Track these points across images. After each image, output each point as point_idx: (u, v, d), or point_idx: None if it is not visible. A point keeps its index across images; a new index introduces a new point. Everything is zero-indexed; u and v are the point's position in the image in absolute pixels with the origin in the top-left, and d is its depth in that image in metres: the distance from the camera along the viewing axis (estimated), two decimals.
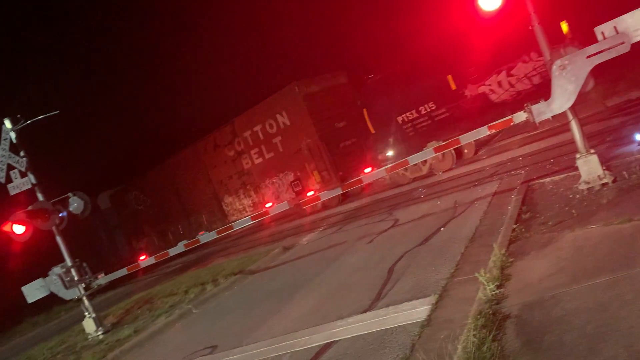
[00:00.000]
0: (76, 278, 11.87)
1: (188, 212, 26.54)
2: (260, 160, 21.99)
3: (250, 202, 23.15)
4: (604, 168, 7.75)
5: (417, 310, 5.98)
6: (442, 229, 9.40)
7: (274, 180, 21.75)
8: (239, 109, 22.80)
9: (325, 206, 19.13)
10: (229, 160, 23.22)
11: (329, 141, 19.56)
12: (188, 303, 11.57)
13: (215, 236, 11.64)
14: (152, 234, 28.79)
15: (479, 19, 8.31)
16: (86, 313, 11.97)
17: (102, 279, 12.24)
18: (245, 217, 19.15)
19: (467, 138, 8.91)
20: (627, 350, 3.66)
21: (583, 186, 7.83)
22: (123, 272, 12.45)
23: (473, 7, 7.88)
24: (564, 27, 7.84)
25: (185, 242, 11.67)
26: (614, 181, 7.62)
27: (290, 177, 20.99)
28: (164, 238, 27.69)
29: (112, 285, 15.72)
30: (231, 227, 11.40)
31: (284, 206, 10.43)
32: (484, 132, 8.55)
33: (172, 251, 11.95)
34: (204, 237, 11.69)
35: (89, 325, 11.93)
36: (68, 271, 11.85)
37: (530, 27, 7.91)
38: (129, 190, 29.55)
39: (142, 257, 12.38)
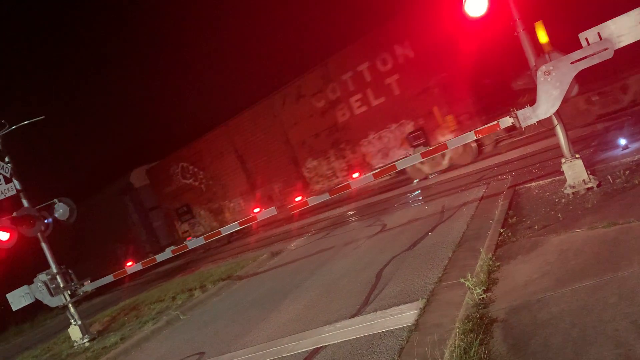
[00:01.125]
0: (62, 285, 11.74)
1: (254, 183, 21.39)
2: (363, 109, 17.26)
3: (344, 164, 18.37)
4: (589, 172, 7.84)
5: (405, 315, 5.99)
6: (429, 233, 9.44)
7: (383, 134, 17.03)
8: (332, 48, 18.25)
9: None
10: (316, 113, 18.47)
11: (469, 76, 15.17)
12: (175, 309, 11.49)
13: (203, 242, 11.58)
14: (202, 212, 23.83)
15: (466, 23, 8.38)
16: (72, 320, 11.83)
17: (88, 286, 12.11)
18: (334, 184, 17.66)
19: (454, 143, 8.98)
20: (612, 353, 3.70)
21: (568, 190, 7.91)
22: (109, 279, 12.33)
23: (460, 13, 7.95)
24: (541, 35, 7.78)
25: (173, 247, 11.61)
26: (598, 185, 7.71)
27: (408, 128, 16.44)
28: (218, 217, 23.09)
29: (99, 292, 15.57)
30: (219, 233, 11.35)
31: (271, 212, 10.42)
32: (470, 137, 8.62)
33: (160, 257, 11.88)
34: (192, 242, 11.63)
35: (74, 332, 11.79)
36: (53, 278, 11.72)
37: (515, 33, 8.00)
38: (173, 162, 24.16)
39: (129, 264, 12.27)
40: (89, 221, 26.17)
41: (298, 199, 10.38)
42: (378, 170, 10.50)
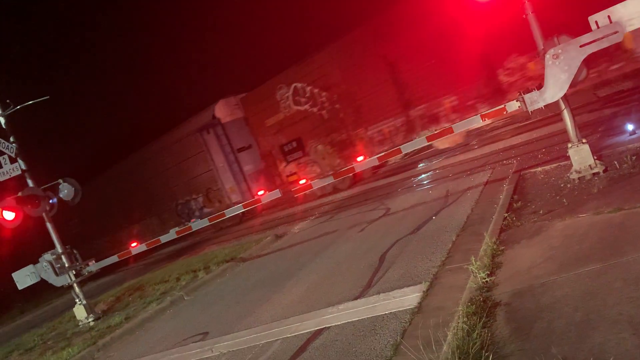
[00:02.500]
0: (67, 265, 11.82)
1: (408, 100, 16.13)
2: None
3: None
4: (595, 158, 7.78)
5: (408, 298, 6.00)
6: (433, 217, 9.43)
7: None
8: None
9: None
10: None
11: None
12: (179, 290, 11.57)
13: (207, 223, 11.60)
14: (319, 148, 18.50)
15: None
16: (77, 300, 11.94)
17: (93, 266, 12.20)
18: None
19: (460, 127, 8.92)
20: (616, 337, 3.69)
21: (574, 175, 7.86)
22: (114, 259, 12.41)
23: None
24: None
25: (176, 229, 11.65)
26: (605, 171, 7.65)
27: None
28: (343, 152, 17.91)
29: (104, 272, 15.69)
30: (223, 215, 11.37)
31: (276, 194, 10.42)
32: (477, 121, 8.56)
33: (164, 238, 11.93)
34: (196, 224, 11.66)
35: (79, 312, 11.90)
36: (59, 258, 11.80)
37: (524, 16, 7.89)
38: (282, 83, 18.87)
39: (134, 244, 12.33)
40: (151, 172, 24.41)
41: (302, 182, 10.38)
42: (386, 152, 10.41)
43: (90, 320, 11.71)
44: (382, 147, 16.64)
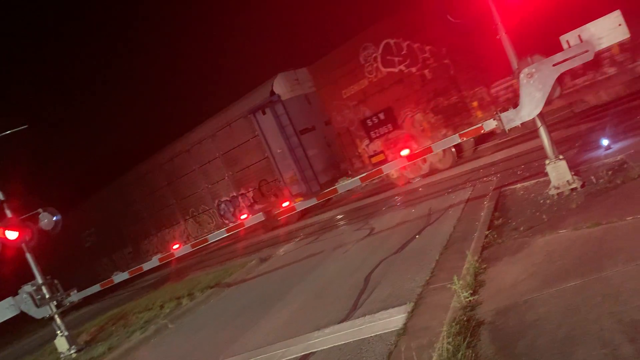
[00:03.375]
0: (47, 296, 11.58)
1: None
2: None
3: None
4: (573, 173, 7.91)
5: (394, 319, 5.99)
6: (417, 236, 9.47)
7: None
8: None
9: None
10: None
11: None
12: (163, 318, 11.40)
13: (190, 249, 11.51)
14: (418, 117, 15.12)
15: None
16: (58, 331, 11.68)
17: (74, 296, 11.97)
18: None
19: (439, 146, 9.03)
20: (599, 352, 3.72)
21: (553, 191, 7.98)
22: (96, 288, 12.21)
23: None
24: None
25: (159, 255, 11.53)
26: (582, 186, 7.78)
27: None
28: (453, 119, 14.58)
29: (87, 301, 15.41)
30: (206, 240, 11.30)
31: (259, 217, 10.39)
32: (455, 139, 8.67)
33: (146, 266, 11.79)
34: (179, 251, 11.55)
35: (61, 344, 11.64)
36: (39, 289, 11.56)
37: (497, 37, 8.07)
38: (367, 42, 15.48)
39: (116, 273, 12.16)
40: (175, 173, 22.22)
41: (285, 204, 10.38)
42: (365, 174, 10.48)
43: (72, 352, 11.45)
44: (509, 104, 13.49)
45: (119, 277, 12.02)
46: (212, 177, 21.11)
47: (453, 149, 14.77)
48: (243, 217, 10.68)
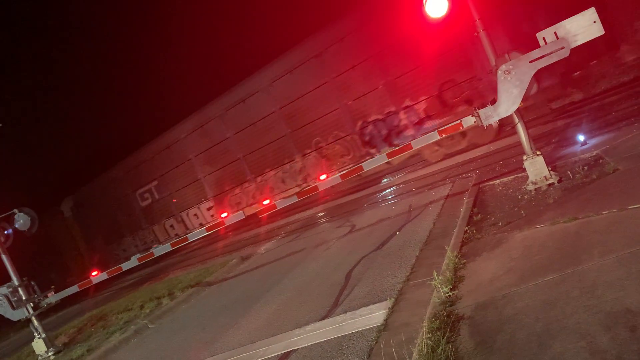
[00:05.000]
0: (24, 298, 11.37)
1: None
2: None
3: None
4: (550, 169, 8.02)
5: (375, 315, 6.00)
6: (397, 233, 9.50)
7: None
8: None
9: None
10: None
11: None
12: (144, 318, 11.27)
13: (170, 249, 11.39)
14: None
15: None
16: (35, 334, 11.48)
17: (52, 297, 11.77)
18: None
19: (419, 143, 9.06)
20: (575, 345, 3.77)
21: (531, 187, 8.08)
22: (74, 289, 12.02)
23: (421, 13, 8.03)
24: None
25: (138, 255, 11.38)
26: (559, 181, 7.89)
27: None
28: None
29: (65, 302, 15.17)
30: (186, 239, 11.19)
31: (239, 216, 10.32)
32: (434, 137, 8.72)
33: (125, 266, 11.63)
34: (158, 249, 11.43)
35: (38, 346, 11.43)
36: (15, 291, 11.34)
37: (475, 34, 8.13)
38: None
39: (94, 273, 11.98)
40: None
41: (266, 202, 10.32)
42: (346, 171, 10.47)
43: (50, 354, 11.26)
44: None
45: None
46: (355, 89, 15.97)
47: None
48: (223, 215, 10.59)
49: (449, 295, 5.44)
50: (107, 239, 25.23)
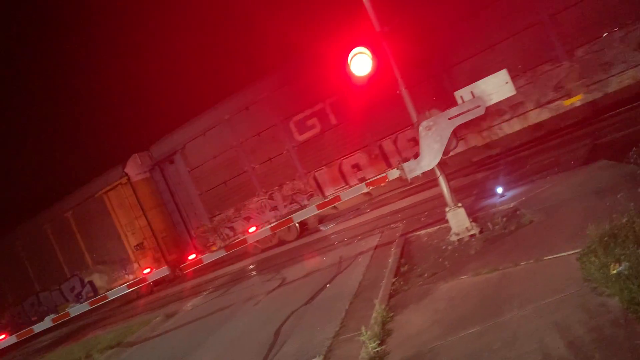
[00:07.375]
0: None
1: None
2: None
3: None
4: (471, 220, 8.32)
5: None
6: (327, 285, 9.45)
7: None
8: None
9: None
10: None
11: None
12: None
13: (88, 307, 10.71)
14: None
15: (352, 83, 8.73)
16: None
17: None
18: None
19: (348, 195, 9.20)
20: None
21: (454, 238, 8.33)
22: None
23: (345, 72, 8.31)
24: None
25: (52, 316, 10.62)
26: (480, 232, 8.19)
27: None
28: None
29: None
30: (105, 297, 10.58)
31: (163, 272, 9.92)
32: (362, 188, 8.88)
33: (37, 328, 10.79)
34: (75, 309, 10.71)
35: None
36: None
37: (397, 92, 8.48)
38: None
39: (2, 337, 11.02)
40: None
41: (192, 257, 10.01)
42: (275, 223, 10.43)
43: None
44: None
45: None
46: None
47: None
48: (146, 271, 10.15)
49: (377, 351, 5.42)
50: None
